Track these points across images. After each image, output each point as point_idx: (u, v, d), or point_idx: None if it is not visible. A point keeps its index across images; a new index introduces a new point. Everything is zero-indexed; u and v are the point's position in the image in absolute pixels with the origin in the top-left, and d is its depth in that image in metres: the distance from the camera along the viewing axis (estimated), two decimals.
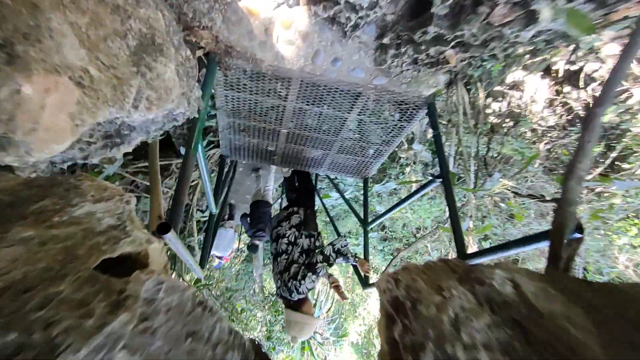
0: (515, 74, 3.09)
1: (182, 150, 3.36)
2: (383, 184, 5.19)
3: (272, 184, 4.72)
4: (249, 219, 4.09)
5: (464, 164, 2.30)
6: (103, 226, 0.61)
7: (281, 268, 2.29)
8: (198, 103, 1.40)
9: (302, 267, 2.18)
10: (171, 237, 1.15)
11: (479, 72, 2.03)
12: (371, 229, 3.43)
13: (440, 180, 1.79)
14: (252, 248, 4.15)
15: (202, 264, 2.17)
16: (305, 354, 7.25)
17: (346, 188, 6.96)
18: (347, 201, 3.14)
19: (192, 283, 4.12)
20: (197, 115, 1.32)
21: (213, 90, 1.82)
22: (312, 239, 2.47)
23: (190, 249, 4.43)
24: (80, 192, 0.65)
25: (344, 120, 2.22)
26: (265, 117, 2.24)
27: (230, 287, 9.46)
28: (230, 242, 5.04)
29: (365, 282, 2.50)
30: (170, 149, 3.47)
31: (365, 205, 2.80)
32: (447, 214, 2.14)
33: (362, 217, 2.74)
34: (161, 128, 1.20)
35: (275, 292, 2.67)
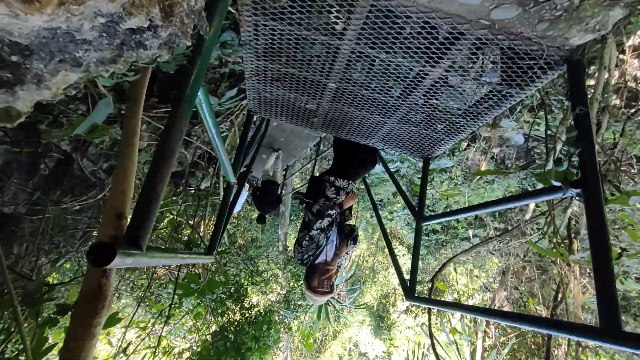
0: None
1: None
2: (436, 159, 4.40)
3: (280, 166, 4.88)
4: (257, 194, 4.33)
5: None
6: None
7: None
8: (197, 21, 0.79)
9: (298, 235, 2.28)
10: (122, 262, 0.65)
11: None
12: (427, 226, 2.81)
13: (577, 190, 1.11)
14: (261, 220, 4.42)
15: (212, 247, 1.73)
16: (322, 315, 7.29)
17: (387, 157, 6.17)
18: (396, 183, 2.50)
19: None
20: (187, 42, 0.72)
21: (233, 11, 1.19)
22: (309, 212, 2.30)
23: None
24: None
25: (422, 77, 1.51)
26: (309, 63, 1.59)
27: (255, 238, 9.52)
28: (241, 200, 5.06)
29: (409, 291, 1.97)
30: None
31: (423, 194, 2.16)
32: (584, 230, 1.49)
33: (417, 209, 2.13)
34: (113, 60, 0.63)
35: None
